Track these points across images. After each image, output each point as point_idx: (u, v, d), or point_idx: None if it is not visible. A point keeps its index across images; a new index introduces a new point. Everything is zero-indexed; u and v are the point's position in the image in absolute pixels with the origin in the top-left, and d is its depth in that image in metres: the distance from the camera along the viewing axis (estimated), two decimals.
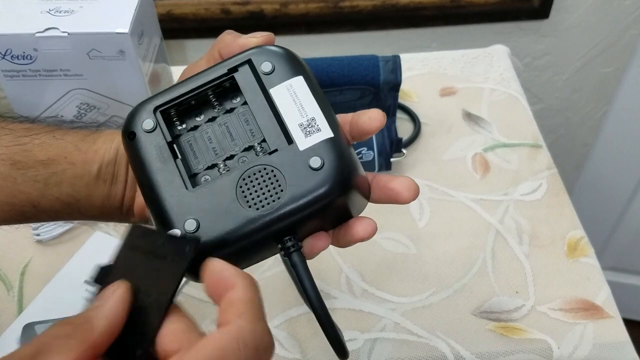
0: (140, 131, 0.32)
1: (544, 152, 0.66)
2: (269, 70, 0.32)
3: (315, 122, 0.30)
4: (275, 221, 0.29)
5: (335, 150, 0.30)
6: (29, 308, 0.53)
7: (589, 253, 0.57)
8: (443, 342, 0.50)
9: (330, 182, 0.29)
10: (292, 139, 0.30)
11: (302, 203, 0.29)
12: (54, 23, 0.54)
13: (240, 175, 0.30)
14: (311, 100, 0.31)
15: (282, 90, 0.31)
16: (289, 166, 0.30)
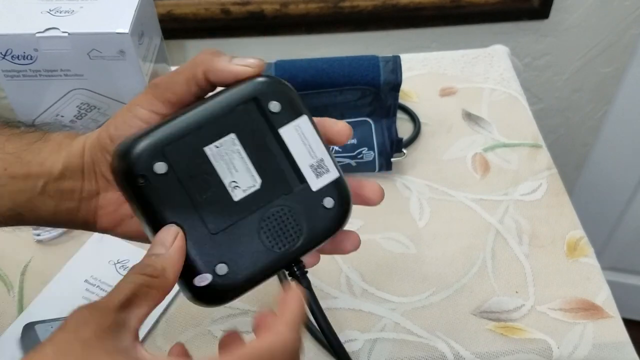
0: (152, 175, 0.30)
1: (543, 152, 0.66)
2: (278, 110, 0.32)
3: (324, 163, 0.33)
4: (294, 258, 0.32)
5: (342, 190, 0.33)
6: (30, 308, 0.53)
7: (588, 253, 0.57)
8: (443, 342, 0.50)
9: (341, 219, 0.33)
10: (304, 180, 0.32)
11: (318, 240, 0.33)
12: (54, 23, 0.54)
13: (261, 217, 0.31)
14: (317, 141, 0.33)
15: (290, 131, 0.32)
16: (305, 207, 0.32)
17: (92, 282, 0.55)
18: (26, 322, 0.51)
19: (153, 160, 0.30)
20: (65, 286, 0.54)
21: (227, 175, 0.31)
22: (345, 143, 0.35)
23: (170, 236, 0.29)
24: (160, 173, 0.30)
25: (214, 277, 0.30)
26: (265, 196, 0.32)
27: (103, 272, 0.55)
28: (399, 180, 0.63)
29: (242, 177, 0.31)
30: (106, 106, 0.59)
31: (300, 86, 0.60)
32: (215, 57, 0.32)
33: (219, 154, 0.31)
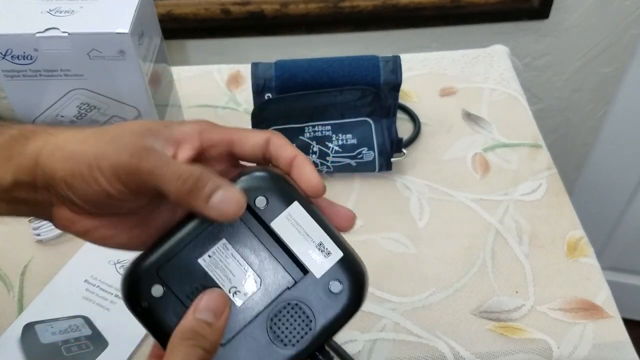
0: (151, 299, 0.31)
1: (543, 152, 0.66)
2: (264, 205, 0.31)
3: (323, 246, 0.31)
4: (310, 349, 0.31)
5: (350, 268, 0.31)
6: (30, 308, 0.53)
7: (588, 253, 0.57)
8: (443, 342, 0.50)
9: (353, 298, 0.31)
10: (307, 269, 0.31)
11: (333, 327, 0.31)
12: (54, 23, 0.54)
13: (268, 317, 0.31)
14: (313, 225, 0.31)
15: (282, 222, 0.31)
16: (312, 296, 0.31)
17: (92, 282, 0.55)
18: (26, 322, 0.51)
19: (149, 285, 0.31)
20: (65, 286, 0.54)
21: (226, 282, 0.31)
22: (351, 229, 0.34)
23: (221, 304, 0.30)
24: (158, 296, 0.31)
25: None
26: (269, 295, 0.31)
27: (103, 272, 0.55)
28: (399, 180, 0.64)
29: (241, 281, 0.31)
30: (106, 106, 0.59)
31: (300, 86, 0.60)
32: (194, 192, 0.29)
33: (212, 263, 0.31)
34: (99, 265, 0.56)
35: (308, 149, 0.61)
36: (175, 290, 0.31)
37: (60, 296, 0.54)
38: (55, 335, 0.51)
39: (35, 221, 0.59)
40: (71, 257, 0.57)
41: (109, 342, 0.50)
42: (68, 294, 0.54)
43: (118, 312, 0.52)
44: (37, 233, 0.58)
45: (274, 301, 0.31)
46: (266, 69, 0.61)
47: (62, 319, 0.52)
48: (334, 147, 0.61)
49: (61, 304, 0.53)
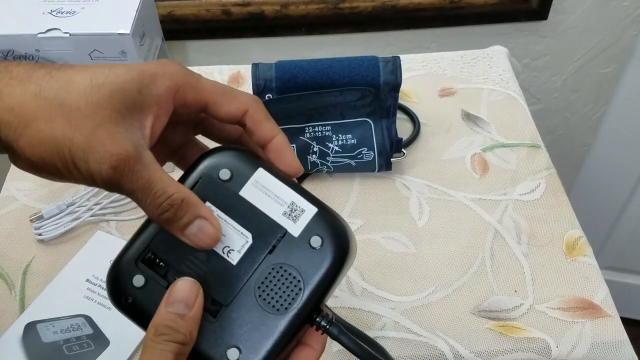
0: (134, 290, 0.30)
1: (542, 152, 0.66)
2: (229, 176, 0.31)
3: (295, 205, 0.31)
4: (305, 311, 0.30)
5: (327, 221, 0.31)
6: (31, 307, 0.53)
7: (587, 252, 0.57)
8: (442, 341, 0.51)
9: (336, 250, 0.30)
10: (283, 230, 0.31)
11: (322, 283, 0.30)
12: (55, 24, 0.54)
13: (255, 285, 0.30)
14: (281, 186, 0.31)
15: (250, 189, 0.31)
16: (294, 256, 0.30)
17: (93, 282, 0.55)
18: (28, 322, 0.52)
19: (130, 277, 0.30)
20: (67, 285, 0.55)
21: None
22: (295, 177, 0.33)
23: (193, 294, 0.29)
24: (139, 286, 0.30)
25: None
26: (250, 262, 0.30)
27: (104, 272, 0.55)
28: (399, 180, 0.64)
29: (233, 239, 0.30)
30: None
31: (301, 87, 0.61)
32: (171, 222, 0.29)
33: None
34: (100, 264, 0.56)
35: (308, 149, 0.62)
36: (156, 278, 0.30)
37: (61, 295, 0.54)
38: (57, 334, 0.51)
39: (37, 221, 0.59)
40: (72, 257, 0.57)
41: (110, 341, 0.50)
42: (69, 293, 0.54)
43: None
44: (39, 232, 0.58)
45: (257, 269, 0.30)
46: (266, 69, 0.61)
47: (64, 318, 0.52)
48: (334, 147, 0.62)
49: (62, 303, 0.53)
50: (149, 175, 0.29)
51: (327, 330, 0.31)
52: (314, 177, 0.64)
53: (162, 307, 0.29)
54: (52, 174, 0.29)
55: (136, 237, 0.31)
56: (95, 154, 0.28)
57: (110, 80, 0.29)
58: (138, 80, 0.29)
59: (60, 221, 0.59)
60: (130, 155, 0.28)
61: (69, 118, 0.28)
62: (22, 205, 0.62)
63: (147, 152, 0.29)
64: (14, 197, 0.63)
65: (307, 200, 0.31)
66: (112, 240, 0.58)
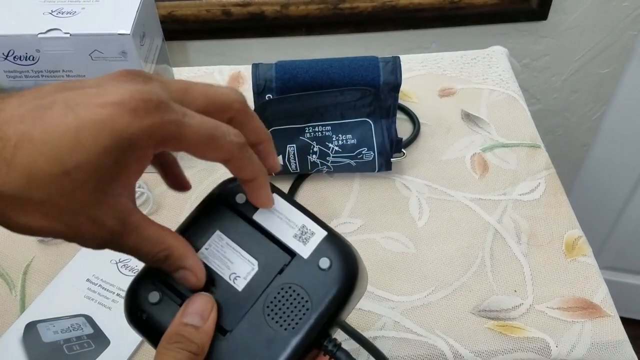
0: (149, 306, 0.31)
1: (542, 153, 0.66)
2: (244, 200, 0.33)
3: (306, 228, 0.32)
4: (313, 331, 0.30)
5: (335, 244, 0.32)
6: (31, 307, 0.53)
7: (587, 252, 0.57)
8: (442, 341, 0.51)
9: (344, 272, 0.31)
10: (293, 252, 0.32)
11: (331, 304, 0.31)
12: (56, 24, 0.54)
13: (264, 304, 0.31)
14: (292, 210, 0.32)
15: (263, 213, 0.32)
16: (303, 277, 0.31)
17: (94, 282, 0.55)
18: (28, 321, 0.52)
19: (146, 293, 0.31)
20: (67, 285, 0.55)
21: (225, 270, 0.32)
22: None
23: (208, 308, 0.30)
24: (154, 302, 0.31)
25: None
26: (260, 282, 0.31)
27: (105, 271, 0.55)
28: (399, 180, 0.64)
29: (239, 266, 0.32)
30: None
31: (301, 87, 0.61)
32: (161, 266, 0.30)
33: (211, 254, 0.32)
34: (100, 264, 0.56)
35: (308, 149, 0.62)
36: (170, 295, 0.31)
37: (62, 295, 0.54)
38: (57, 334, 0.51)
39: None
40: (73, 256, 0.57)
41: (111, 341, 0.50)
42: (70, 293, 0.54)
43: (120, 311, 0.53)
44: None
45: (267, 288, 0.31)
46: (267, 69, 0.61)
47: (64, 317, 0.52)
48: (334, 147, 0.62)
49: (63, 303, 0.53)
50: (135, 241, 0.29)
51: (334, 355, 0.31)
52: (314, 177, 0.64)
53: (178, 318, 0.29)
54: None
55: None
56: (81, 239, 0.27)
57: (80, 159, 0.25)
58: (113, 149, 0.25)
59: None
60: (116, 233, 0.28)
61: (44, 213, 0.26)
62: None
63: (134, 215, 0.28)
64: None
65: (317, 224, 0.32)
66: None
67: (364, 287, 0.33)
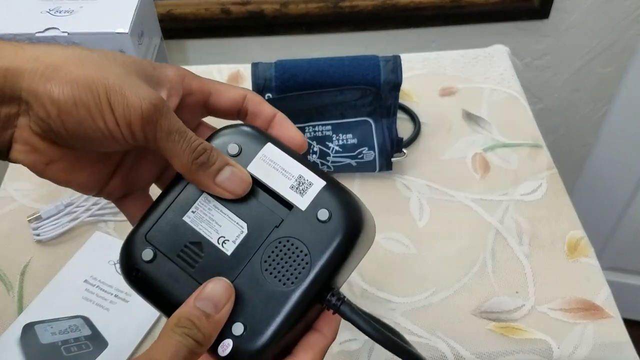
0: (143, 264, 0.30)
1: (543, 152, 0.66)
2: (237, 151, 0.31)
3: (303, 178, 0.30)
4: (314, 287, 0.29)
5: (335, 195, 0.30)
6: (29, 308, 0.53)
7: (589, 253, 0.57)
8: (443, 342, 0.50)
9: (346, 223, 0.30)
10: (291, 204, 0.30)
11: (332, 258, 0.29)
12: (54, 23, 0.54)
13: (262, 259, 0.29)
14: (289, 160, 0.31)
15: (259, 164, 0.31)
16: (302, 230, 0.30)
17: (91, 282, 0.55)
18: (26, 322, 0.51)
19: (138, 250, 0.31)
20: (65, 286, 0.54)
21: (213, 234, 0.30)
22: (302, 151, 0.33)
23: (224, 298, 0.29)
24: (148, 260, 0.30)
25: (234, 340, 0.28)
26: (258, 238, 0.30)
27: (103, 272, 0.55)
28: (399, 180, 0.63)
29: (228, 230, 0.30)
30: None
31: (301, 86, 0.60)
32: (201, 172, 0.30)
33: (197, 217, 0.31)
34: (98, 265, 0.56)
35: (308, 148, 0.61)
36: (165, 250, 0.30)
37: (59, 296, 0.54)
38: (55, 335, 0.51)
39: (35, 221, 0.59)
40: (71, 257, 0.57)
41: (109, 342, 0.50)
42: (68, 294, 0.54)
43: (118, 312, 0.52)
44: (37, 233, 0.58)
45: (263, 243, 0.30)
46: (266, 68, 0.61)
47: (62, 319, 0.52)
48: (335, 147, 0.61)
49: (61, 304, 0.53)
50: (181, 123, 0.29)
51: (338, 310, 0.29)
52: None
53: (191, 300, 0.28)
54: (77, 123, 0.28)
55: (146, 215, 0.32)
56: (133, 90, 0.28)
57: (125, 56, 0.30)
58: (150, 62, 0.31)
59: (59, 222, 0.59)
60: (164, 101, 0.29)
61: (100, 66, 0.28)
62: (20, 206, 0.61)
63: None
64: (11, 198, 0.62)
65: (316, 174, 0.31)
66: (111, 240, 0.58)
67: (369, 239, 0.32)
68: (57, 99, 0.27)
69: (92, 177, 0.32)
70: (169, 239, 0.31)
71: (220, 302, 0.28)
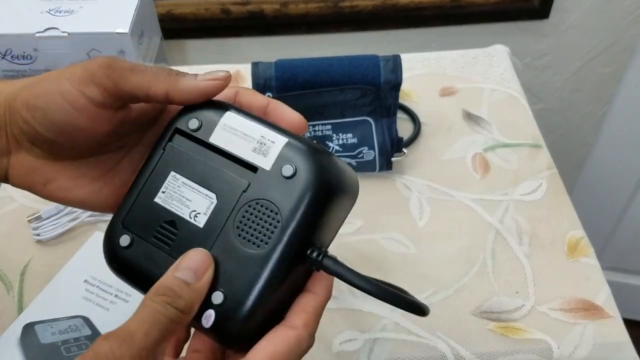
0: (122, 250, 0.31)
1: (544, 152, 0.66)
2: (197, 125, 0.31)
3: (264, 138, 0.30)
4: (290, 246, 0.28)
5: (299, 150, 0.29)
6: (29, 308, 0.53)
7: (589, 253, 0.57)
8: (443, 342, 0.50)
9: (314, 175, 0.29)
10: (255, 167, 0.30)
11: (305, 214, 0.28)
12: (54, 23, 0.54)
13: (234, 226, 0.29)
14: (249, 124, 0.30)
15: (220, 133, 0.31)
16: (269, 189, 0.29)
17: (91, 283, 0.55)
18: (26, 322, 0.51)
19: (116, 237, 0.31)
20: (65, 286, 0.54)
21: (184, 210, 0.30)
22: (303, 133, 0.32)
23: (204, 266, 0.28)
24: (126, 245, 0.31)
25: (216, 310, 0.28)
26: (227, 205, 0.30)
27: (103, 273, 0.55)
28: (399, 180, 0.63)
29: (198, 203, 0.30)
30: None
31: (301, 85, 0.60)
32: (180, 78, 0.31)
33: (168, 196, 0.31)
34: (98, 265, 0.55)
35: None
36: (141, 234, 0.31)
37: (59, 296, 0.54)
38: (55, 335, 0.51)
39: (35, 221, 0.59)
40: (71, 258, 0.57)
41: None
42: (68, 294, 0.54)
43: (117, 312, 0.52)
44: (37, 233, 0.58)
45: (233, 209, 0.29)
46: (266, 68, 0.61)
47: (62, 319, 0.52)
48: (335, 146, 0.61)
49: (61, 304, 0.53)
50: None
51: (321, 265, 0.29)
52: None
53: (170, 272, 0.28)
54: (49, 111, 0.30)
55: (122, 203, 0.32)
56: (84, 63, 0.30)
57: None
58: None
59: (59, 222, 0.59)
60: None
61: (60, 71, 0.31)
62: (20, 206, 0.61)
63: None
64: (11, 197, 0.62)
65: (277, 132, 0.30)
66: None
67: (348, 192, 0.31)
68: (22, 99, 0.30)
69: (99, 193, 0.33)
70: (143, 222, 0.31)
71: (200, 270, 0.28)
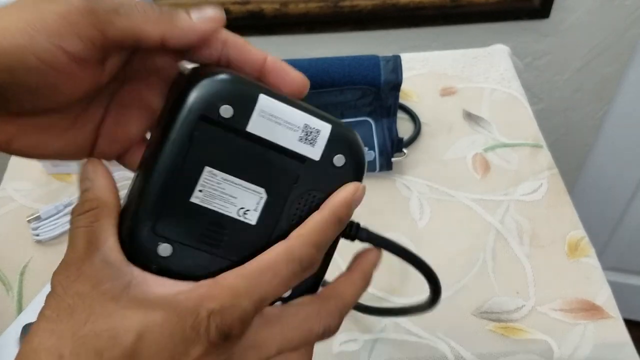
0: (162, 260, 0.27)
1: (544, 152, 0.66)
2: (231, 113, 0.27)
3: (309, 127, 0.28)
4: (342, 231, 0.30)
5: (343, 137, 0.29)
6: (29, 308, 0.53)
7: (589, 253, 0.56)
8: (443, 343, 0.50)
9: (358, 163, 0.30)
10: (303, 157, 0.28)
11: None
12: None
13: (288, 222, 0.29)
14: (290, 110, 0.28)
15: (258, 121, 0.27)
16: (320, 180, 0.29)
17: None
18: (25, 322, 0.51)
19: (151, 246, 0.27)
20: None
21: (231, 208, 0.28)
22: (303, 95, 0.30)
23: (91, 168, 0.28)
24: (168, 255, 0.27)
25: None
26: (279, 199, 0.28)
27: None
28: (399, 180, 0.63)
29: (245, 199, 0.28)
30: None
31: None
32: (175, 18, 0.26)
33: (207, 195, 0.27)
34: None
35: None
36: (183, 240, 0.27)
37: None
38: None
39: (34, 222, 0.58)
40: None
41: None
42: None
43: None
44: (36, 233, 0.58)
45: (286, 203, 0.28)
46: None
47: None
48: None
49: None
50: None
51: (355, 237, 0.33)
52: None
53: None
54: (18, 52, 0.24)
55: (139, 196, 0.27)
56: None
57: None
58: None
59: (58, 222, 0.58)
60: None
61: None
62: (20, 206, 0.61)
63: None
64: (11, 198, 0.62)
65: (319, 119, 0.29)
66: None
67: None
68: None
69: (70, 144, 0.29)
70: (182, 227, 0.27)
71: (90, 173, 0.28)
